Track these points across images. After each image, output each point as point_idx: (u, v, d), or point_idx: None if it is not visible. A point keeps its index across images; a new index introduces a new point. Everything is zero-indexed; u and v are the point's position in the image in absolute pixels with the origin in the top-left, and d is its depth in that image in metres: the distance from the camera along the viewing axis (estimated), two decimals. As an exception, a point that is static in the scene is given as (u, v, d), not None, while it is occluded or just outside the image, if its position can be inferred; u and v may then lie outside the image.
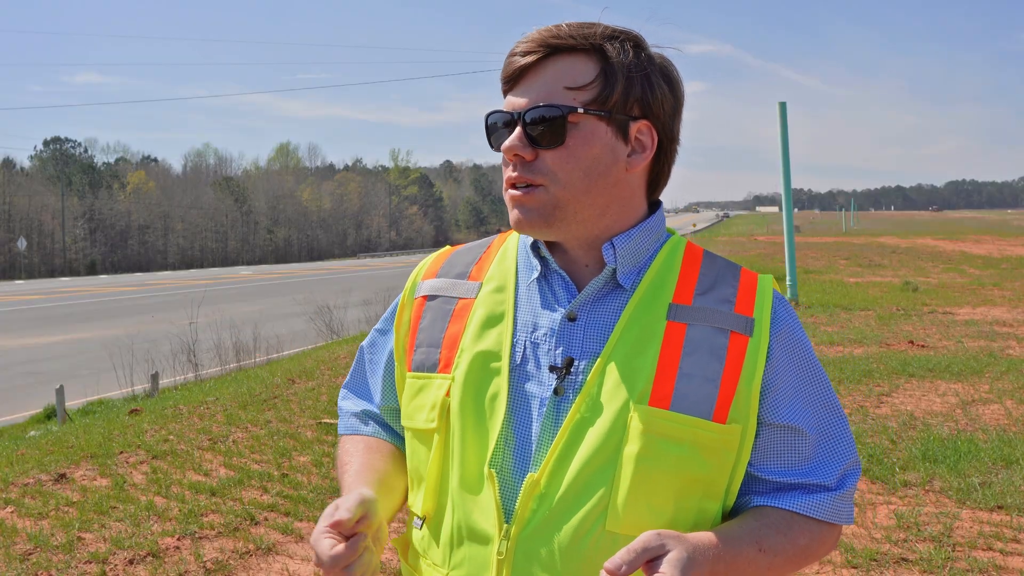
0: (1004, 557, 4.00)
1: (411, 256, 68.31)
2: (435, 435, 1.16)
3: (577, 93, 1.11)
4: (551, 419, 1.11)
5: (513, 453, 1.12)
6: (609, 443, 1.08)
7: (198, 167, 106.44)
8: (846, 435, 1.19)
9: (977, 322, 12.20)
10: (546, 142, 1.11)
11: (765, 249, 32.90)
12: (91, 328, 19.31)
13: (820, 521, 1.15)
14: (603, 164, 1.14)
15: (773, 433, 1.14)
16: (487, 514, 1.10)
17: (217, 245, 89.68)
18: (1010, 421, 6.32)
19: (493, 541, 1.09)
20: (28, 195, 76.97)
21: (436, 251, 1.36)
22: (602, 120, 1.13)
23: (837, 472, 1.16)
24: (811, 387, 1.17)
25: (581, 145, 1.12)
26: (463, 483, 1.13)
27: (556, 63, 1.13)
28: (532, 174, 1.13)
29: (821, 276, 21.20)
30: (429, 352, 1.21)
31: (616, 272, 1.16)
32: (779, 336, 1.15)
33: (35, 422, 10.12)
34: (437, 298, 1.25)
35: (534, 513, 1.08)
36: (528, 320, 1.17)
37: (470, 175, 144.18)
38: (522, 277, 1.22)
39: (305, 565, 4.17)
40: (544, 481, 1.08)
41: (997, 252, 30.60)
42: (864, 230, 66.16)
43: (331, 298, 19.06)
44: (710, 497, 1.12)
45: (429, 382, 1.19)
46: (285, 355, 13.45)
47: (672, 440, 1.08)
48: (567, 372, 1.12)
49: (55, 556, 4.28)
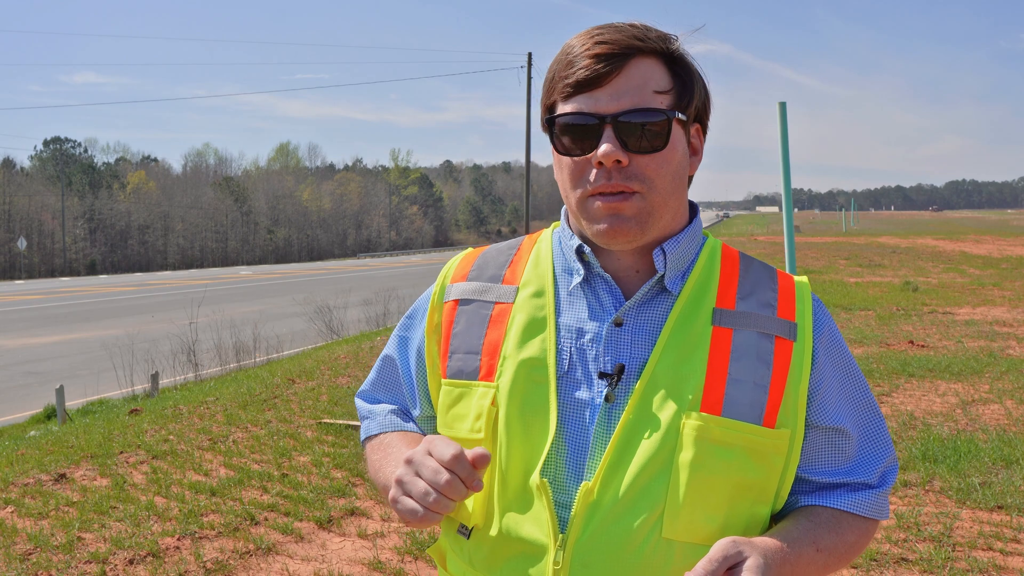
0: (1004, 557, 4.00)
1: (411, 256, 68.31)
2: (482, 445, 1.14)
3: (663, 97, 1.10)
4: (603, 427, 1.10)
5: (566, 462, 1.10)
6: (663, 450, 1.07)
7: (198, 167, 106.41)
8: (884, 433, 1.21)
9: (977, 322, 12.20)
10: (645, 147, 1.08)
11: (765, 249, 32.87)
12: (91, 328, 19.31)
13: (864, 518, 1.18)
14: (684, 168, 1.15)
15: (819, 435, 1.16)
16: (540, 524, 1.08)
17: (217, 245, 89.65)
18: (1010, 421, 6.32)
19: (548, 551, 1.08)
20: (28, 195, 76.96)
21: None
22: (680, 124, 1.13)
23: (878, 469, 1.19)
24: (852, 388, 1.19)
25: (671, 150, 1.11)
26: (510, 493, 1.11)
27: (638, 66, 1.10)
28: (629, 181, 1.09)
29: (821, 276, 21.20)
30: (467, 359, 1.19)
31: (664, 277, 1.15)
32: (821, 339, 1.17)
33: (35, 422, 10.12)
34: (472, 302, 1.22)
35: (589, 522, 1.07)
36: (572, 326, 1.15)
37: (470, 175, 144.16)
38: (561, 281, 1.20)
39: (305, 565, 4.17)
40: (598, 489, 1.07)
41: (997, 252, 30.60)
42: (864, 230, 66.15)
43: (331, 298, 19.06)
44: (761, 502, 1.13)
45: (470, 390, 1.17)
46: (285, 355, 13.45)
47: (725, 446, 1.08)
48: (618, 379, 1.10)
49: (55, 556, 4.28)
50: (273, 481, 5.42)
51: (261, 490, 5.28)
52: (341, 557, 4.27)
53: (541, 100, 1.18)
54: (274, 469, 5.70)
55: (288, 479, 5.47)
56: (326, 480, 5.42)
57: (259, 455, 6.08)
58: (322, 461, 5.79)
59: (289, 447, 6.22)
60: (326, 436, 6.52)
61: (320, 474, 5.56)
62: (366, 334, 14.57)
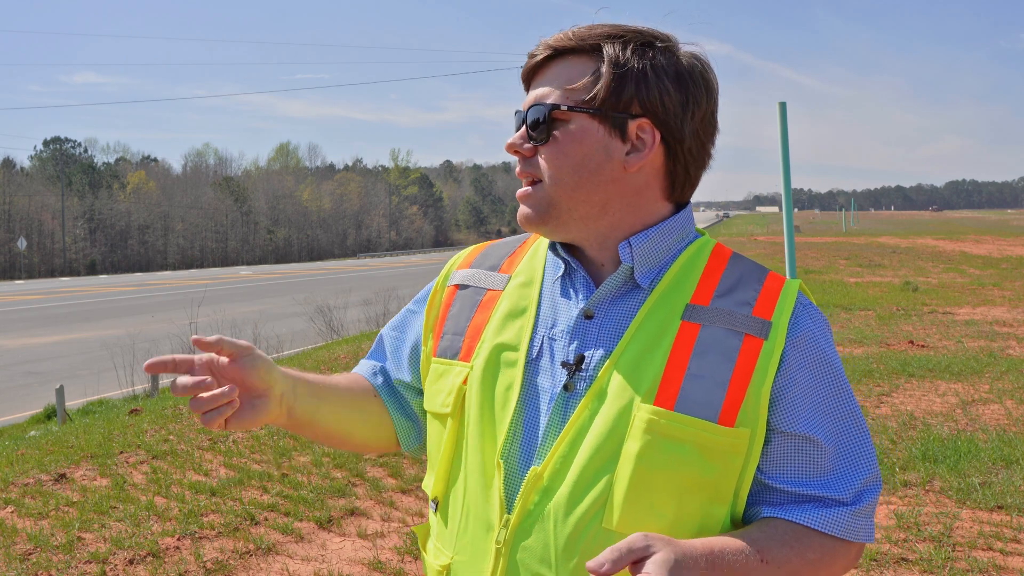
0: (1004, 557, 4.00)
1: (411, 256, 68.30)
2: (448, 419, 1.20)
3: (571, 92, 1.15)
4: (559, 414, 1.13)
5: (520, 445, 1.14)
6: (612, 440, 1.08)
7: (198, 167, 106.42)
8: (866, 449, 1.14)
9: (977, 322, 12.21)
10: (538, 139, 1.16)
11: (765, 249, 32.87)
12: (91, 328, 19.31)
13: (834, 537, 1.11)
14: (594, 161, 1.14)
15: (787, 442, 1.11)
16: (491, 503, 1.12)
17: (217, 245, 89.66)
18: (1010, 421, 6.32)
19: (493, 530, 1.11)
20: (28, 195, 76.97)
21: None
22: (594, 118, 1.14)
23: (854, 487, 1.12)
24: (830, 397, 1.12)
25: (570, 142, 1.14)
26: (476, 470, 1.15)
27: (559, 64, 1.17)
28: (531, 169, 1.18)
29: (821, 276, 21.20)
30: (454, 339, 1.25)
31: (634, 271, 1.16)
32: (796, 341, 1.12)
33: (35, 422, 10.12)
34: (468, 288, 1.29)
35: (535, 506, 1.10)
36: (549, 316, 1.20)
37: (470, 175, 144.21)
38: (548, 274, 1.24)
39: (305, 565, 4.17)
40: (547, 475, 1.10)
41: (997, 252, 30.60)
42: (864, 230, 66.14)
43: (331, 298, 19.05)
44: (716, 501, 1.10)
45: (450, 368, 1.23)
46: (285, 355, 13.45)
47: (675, 441, 1.07)
48: (577, 368, 1.13)
49: (55, 556, 4.28)
50: (273, 481, 5.42)
51: (261, 490, 5.28)
52: (341, 557, 4.27)
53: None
54: (274, 469, 5.70)
55: (288, 479, 5.48)
56: (326, 480, 5.42)
57: (259, 455, 6.08)
58: (322, 461, 5.80)
59: (289, 447, 6.22)
60: (326, 436, 6.52)
61: (320, 474, 5.56)
62: (366, 334, 14.57)
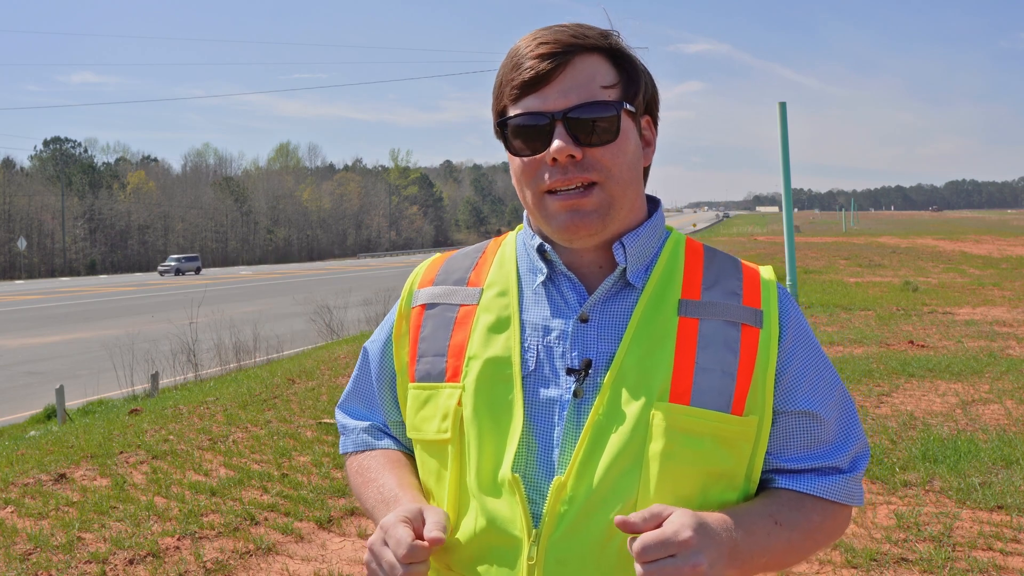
0: (1004, 557, 4.00)
1: (411, 256, 68.29)
2: (449, 446, 1.15)
3: (610, 91, 1.13)
4: (573, 422, 1.11)
5: (536, 458, 1.11)
6: (633, 443, 1.08)
7: (198, 167, 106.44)
8: (855, 418, 1.21)
9: (977, 322, 12.20)
10: (597, 139, 1.10)
11: (765, 249, 32.89)
12: (91, 328, 19.31)
13: (833, 502, 1.17)
14: (638, 159, 1.17)
15: (790, 420, 1.16)
16: (513, 520, 1.09)
17: (217, 245, 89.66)
18: (1010, 421, 6.32)
19: (522, 546, 1.08)
20: (28, 195, 76.98)
21: (430, 254, 1.35)
22: (629, 116, 1.15)
23: (848, 454, 1.19)
24: (821, 372, 1.19)
25: (624, 140, 1.13)
26: (489, 491, 1.11)
27: (582, 63, 1.12)
28: (586, 172, 1.11)
29: (821, 276, 21.20)
30: (434, 362, 1.19)
31: (626, 271, 1.16)
32: (787, 326, 1.17)
33: (35, 422, 10.13)
34: (437, 306, 1.23)
35: (563, 516, 1.08)
36: (538, 324, 1.17)
37: (470, 175, 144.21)
38: (525, 281, 1.21)
39: (305, 565, 4.17)
40: (571, 483, 1.08)
41: (997, 252, 30.60)
42: (864, 230, 66.15)
43: (331, 298, 19.07)
44: (732, 488, 1.13)
45: (436, 392, 1.18)
46: (285, 355, 13.45)
47: (694, 435, 1.09)
48: (585, 374, 1.12)
49: (55, 556, 4.28)
50: (273, 481, 5.42)
51: (261, 490, 5.28)
52: (341, 557, 4.27)
53: (492, 107, 1.19)
54: (274, 469, 5.70)
55: (288, 479, 5.47)
56: (326, 480, 5.42)
57: (259, 455, 6.08)
58: (322, 461, 5.79)
59: (289, 447, 6.22)
60: (326, 436, 6.52)
61: (320, 474, 5.56)
62: (366, 334, 14.57)
